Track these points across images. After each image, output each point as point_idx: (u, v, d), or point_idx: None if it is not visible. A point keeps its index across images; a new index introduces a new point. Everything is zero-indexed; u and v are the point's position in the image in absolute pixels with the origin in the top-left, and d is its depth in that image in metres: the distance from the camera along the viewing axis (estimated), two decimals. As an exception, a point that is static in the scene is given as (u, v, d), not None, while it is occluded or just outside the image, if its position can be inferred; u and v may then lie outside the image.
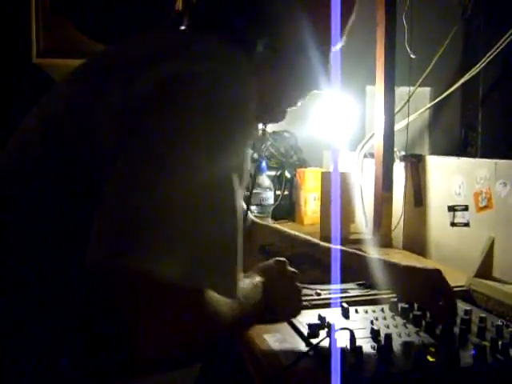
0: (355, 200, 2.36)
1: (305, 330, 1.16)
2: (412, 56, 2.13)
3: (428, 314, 1.22)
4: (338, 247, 1.29)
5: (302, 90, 1.02)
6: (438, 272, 1.22)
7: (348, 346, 1.00)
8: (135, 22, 2.33)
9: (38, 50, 2.30)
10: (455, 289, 1.45)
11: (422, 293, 1.20)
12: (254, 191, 2.23)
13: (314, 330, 1.14)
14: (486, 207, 1.63)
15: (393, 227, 2.08)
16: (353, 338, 0.97)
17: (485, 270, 1.53)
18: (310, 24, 0.93)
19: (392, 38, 2.01)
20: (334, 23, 0.97)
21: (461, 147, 3.13)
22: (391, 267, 1.23)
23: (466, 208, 1.72)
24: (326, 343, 1.04)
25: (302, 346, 1.10)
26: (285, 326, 1.23)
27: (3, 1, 2.47)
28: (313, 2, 0.94)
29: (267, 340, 1.15)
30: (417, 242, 2.00)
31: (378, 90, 2.07)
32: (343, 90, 2.09)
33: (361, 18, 2.44)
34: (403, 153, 2.11)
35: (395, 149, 2.10)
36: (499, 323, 1.15)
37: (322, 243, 1.39)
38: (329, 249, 1.32)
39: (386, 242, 2.05)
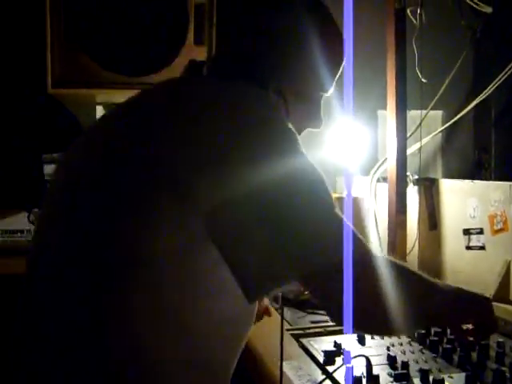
0: (369, 225, 2.35)
1: (320, 358, 1.16)
2: (423, 80, 2.14)
3: (444, 340, 1.21)
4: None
5: (300, 127, 1.11)
6: (485, 300, 1.06)
7: (364, 374, 0.99)
8: (149, 51, 2.37)
9: (53, 81, 2.32)
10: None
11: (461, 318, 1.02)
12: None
13: (329, 357, 1.14)
14: (501, 230, 1.62)
15: (408, 251, 2.06)
16: (369, 366, 0.96)
17: (502, 293, 1.51)
18: (310, 77, 1.07)
19: (402, 64, 2.02)
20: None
21: (474, 169, 3.11)
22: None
23: (481, 231, 1.71)
24: (342, 371, 1.03)
25: (318, 374, 1.10)
26: (300, 352, 1.23)
27: (19, 31, 2.52)
28: (311, 57, 1.05)
29: (283, 367, 1.14)
30: (432, 266, 1.98)
31: (389, 114, 2.07)
32: (355, 115, 2.10)
33: (372, 43, 2.49)
34: (416, 176, 2.11)
35: (408, 173, 2.10)
36: (517, 348, 1.14)
37: None
38: None
39: (401, 267, 2.04)
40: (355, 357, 0.99)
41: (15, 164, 2.35)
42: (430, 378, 0.99)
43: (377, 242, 2.34)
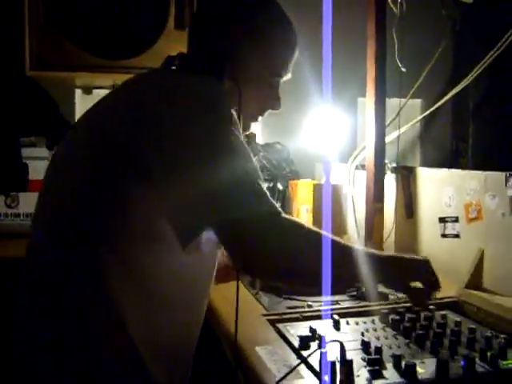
0: (347, 211, 2.38)
1: (296, 342, 1.17)
2: (403, 69, 2.15)
3: (417, 325, 1.23)
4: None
5: (260, 108, 1.30)
6: (424, 262, 1.22)
7: (338, 358, 1.01)
8: (129, 35, 2.35)
9: (31, 63, 2.30)
10: (446, 300, 1.48)
11: (403, 280, 1.18)
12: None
13: (304, 342, 1.15)
14: (476, 218, 1.64)
15: (384, 238, 2.09)
16: (343, 351, 0.98)
17: (475, 281, 1.54)
18: (262, 65, 1.23)
19: (382, 52, 2.03)
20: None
21: (452, 158, 3.15)
22: (374, 256, 1.14)
23: (456, 219, 1.74)
24: (316, 356, 1.04)
25: (293, 359, 1.11)
26: (276, 338, 1.24)
27: (-4, 13, 2.49)
28: (262, 47, 1.22)
29: (258, 352, 1.16)
30: (408, 253, 2.00)
31: (368, 102, 2.09)
32: (335, 102, 2.11)
33: (352, 31, 2.49)
34: (394, 164, 2.13)
35: (386, 160, 2.12)
36: (488, 334, 1.16)
37: None
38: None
39: (377, 254, 2.06)
40: (329, 342, 1.00)
41: (-8, 147, 2.33)
42: (402, 364, 1.01)
43: (354, 229, 2.36)
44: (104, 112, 1.18)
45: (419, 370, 1.01)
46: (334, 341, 0.98)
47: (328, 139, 2.48)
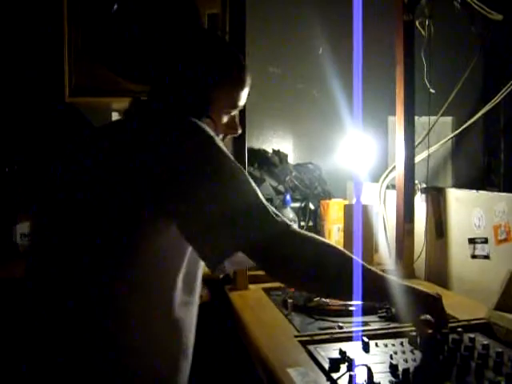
0: (378, 231, 2.40)
1: (326, 364, 1.21)
2: (432, 91, 2.18)
3: (445, 348, 1.26)
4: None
5: (223, 137, 1.46)
6: (434, 298, 1.27)
7: (366, 381, 1.05)
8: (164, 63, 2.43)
9: (70, 89, 2.39)
10: (475, 321, 1.50)
11: (413, 311, 1.24)
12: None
13: (334, 364, 1.19)
14: (505, 240, 1.66)
15: (415, 258, 2.11)
16: (370, 374, 1.02)
17: (505, 302, 1.55)
18: (226, 103, 1.41)
19: (411, 76, 2.07)
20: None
21: (484, 175, 3.15)
22: (391, 281, 1.24)
23: (485, 240, 1.76)
24: (345, 378, 1.08)
25: (324, 381, 1.15)
26: (307, 359, 1.28)
27: (37, 42, 2.60)
28: (229, 94, 1.41)
29: (290, 373, 1.20)
30: (439, 274, 2.03)
31: (398, 124, 2.12)
32: (366, 121, 2.16)
33: (382, 47, 2.53)
34: (424, 185, 2.15)
35: (416, 181, 2.15)
36: (515, 358, 1.18)
37: None
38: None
39: (408, 273, 2.09)
40: (358, 366, 1.04)
41: (34, 170, 2.42)
42: (429, 387, 1.04)
43: (385, 248, 2.39)
44: (110, 158, 1.24)
45: (445, 393, 1.04)
46: (361, 365, 1.02)
47: (359, 159, 2.52)
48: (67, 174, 1.28)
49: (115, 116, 2.90)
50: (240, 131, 1.50)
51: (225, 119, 1.44)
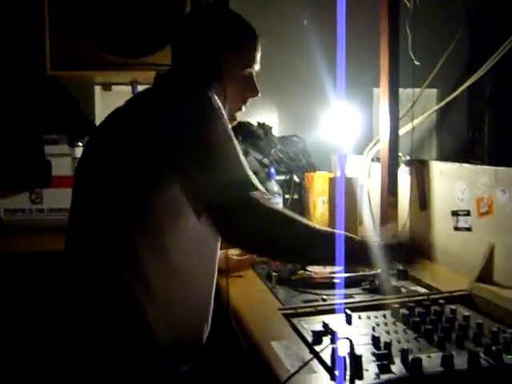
0: (362, 203, 2.41)
1: (309, 337, 1.22)
2: (416, 63, 2.17)
3: (427, 320, 1.28)
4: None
5: (242, 99, 1.56)
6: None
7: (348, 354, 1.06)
8: (147, 33, 2.40)
9: (52, 63, 2.36)
10: (457, 293, 1.52)
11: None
12: (264, 197, 2.29)
13: (317, 337, 1.21)
14: (487, 213, 1.67)
15: (399, 230, 2.12)
16: (352, 347, 1.03)
17: (486, 274, 1.58)
18: (237, 64, 1.50)
19: (395, 48, 2.06)
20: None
21: (468, 148, 3.16)
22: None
23: (468, 213, 1.77)
24: (328, 351, 1.10)
25: (307, 353, 1.16)
26: (291, 332, 1.29)
27: (18, 16, 2.55)
28: (237, 54, 1.50)
29: (273, 346, 1.21)
30: (424, 244, 2.04)
31: (382, 97, 2.12)
32: (350, 93, 2.14)
33: (367, 21, 2.51)
34: (408, 157, 2.16)
35: (400, 153, 2.15)
36: (495, 329, 1.20)
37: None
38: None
39: (392, 245, 2.10)
40: (340, 339, 1.05)
41: (17, 145, 2.40)
42: (410, 358, 1.06)
43: (370, 220, 2.40)
44: (124, 128, 1.41)
45: (425, 364, 1.05)
46: (343, 338, 1.03)
47: (343, 131, 2.51)
48: (96, 141, 1.49)
49: (98, 90, 2.87)
50: (259, 94, 1.56)
51: (241, 82, 1.52)
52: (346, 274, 1.68)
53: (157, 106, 1.38)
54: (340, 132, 2.53)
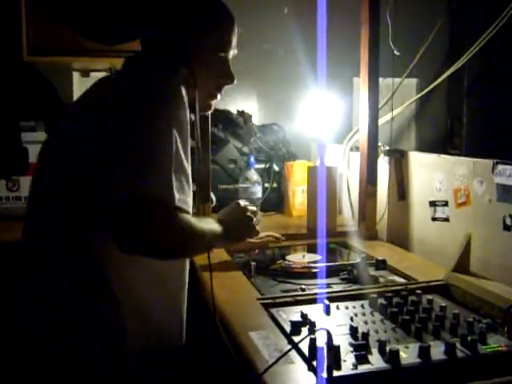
0: (342, 193, 2.42)
1: (287, 327, 1.23)
2: (396, 53, 2.17)
3: (404, 310, 1.29)
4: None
5: (216, 86, 1.49)
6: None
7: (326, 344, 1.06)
8: (127, 18, 2.36)
9: (28, 49, 2.32)
10: (434, 283, 1.53)
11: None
12: (243, 185, 2.28)
13: (296, 327, 1.21)
14: (464, 203, 1.69)
15: (378, 220, 2.14)
16: (330, 338, 1.04)
17: (462, 264, 1.59)
18: (208, 47, 1.43)
19: (375, 38, 2.06)
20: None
21: (447, 138, 3.19)
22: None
23: (446, 203, 1.78)
24: (306, 341, 1.10)
25: (285, 344, 1.17)
26: (269, 322, 1.30)
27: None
28: (208, 36, 1.43)
29: (252, 337, 1.21)
30: (400, 236, 2.06)
31: (362, 86, 2.12)
32: (330, 82, 2.14)
33: (347, 10, 2.50)
34: (387, 147, 2.17)
35: (380, 143, 2.16)
36: (470, 319, 1.21)
37: None
38: None
39: (370, 235, 2.12)
40: (318, 330, 1.06)
41: (-8, 132, 2.36)
42: (387, 349, 1.06)
43: (349, 210, 2.42)
44: (76, 117, 1.38)
45: (403, 355, 1.06)
46: (321, 329, 1.04)
47: (323, 120, 2.51)
48: (59, 129, 1.42)
49: (76, 76, 2.83)
50: (234, 81, 1.49)
51: (214, 67, 1.45)
52: (325, 264, 1.69)
53: (105, 97, 1.33)
54: (320, 121, 2.53)
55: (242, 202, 1.60)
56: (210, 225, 1.40)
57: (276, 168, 2.68)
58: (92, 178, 1.22)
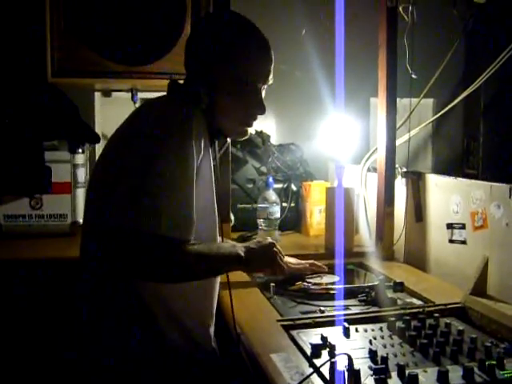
0: (359, 213, 2.45)
1: (308, 350, 1.25)
2: (413, 76, 2.20)
3: (422, 334, 1.31)
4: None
5: (246, 115, 1.48)
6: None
7: (347, 368, 1.09)
8: (147, 41, 2.42)
9: (52, 70, 2.38)
10: (451, 305, 1.55)
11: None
12: (262, 205, 2.32)
13: (316, 350, 1.23)
14: (481, 227, 1.71)
15: (395, 241, 2.16)
16: (351, 362, 1.06)
17: (480, 287, 1.61)
18: (241, 78, 1.42)
19: (393, 59, 2.10)
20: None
21: (463, 158, 3.20)
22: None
23: (463, 226, 1.80)
24: (327, 365, 1.13)
25: (306, 366, 1.19)
26: (290, 344, 1.32)
27: (19, 22, 2.57)
28: (241, 66, 1.42)
29: (273, 359, 1.24)
30: (417, 256, 2.08)
31: (380, 109, 2.15)
32: (348, 103, 2.18)
33: (364, 28, 2.54)
34: (404, 169, 2.19)
35: (397, 165, 2.18)
36: (488, 344, 1.23)
37: None
38: None
39: (387, 255, 2.14)
40: (339, 354, 1.08)
41: (17, 151, 2.41)
42: (406, 373, 1.09)
43: (366, 229, 2.44)
44: (113, 140, 1.46)
45: (421, 379, 1.08)
46: (341, 354, 1.06)
47: (341, 141, 2.54)
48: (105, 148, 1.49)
49: (98, 96, 2.90)
50: (264, 111, 1.48)
51: (244, 96, 1.43)
52: (343, 286, 1.72)
53: (131, 122, 1.43)
54: (337, 141, 2.56)
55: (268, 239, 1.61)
56: (226, 250, 1.42)
57: (294, 187, 2.71)
58: (99, 202, 1.33)
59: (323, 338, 1.28)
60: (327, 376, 1.11)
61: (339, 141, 2.55)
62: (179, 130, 1.28)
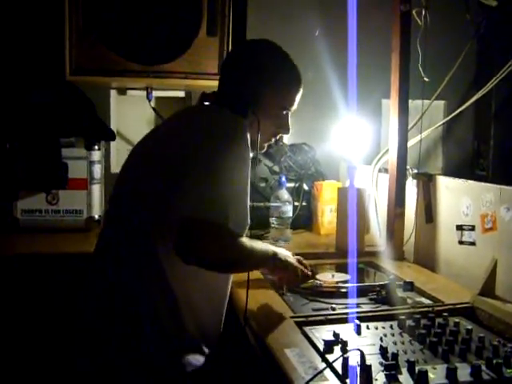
0: (370, 213, 2.48)
1: (321, 346, 1.29)
2: (425, 79, 2.23)
3: (432, 332, 1.35)
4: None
5: (274, 134, 1.70)
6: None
7: (359, 363, 1.13)
8: (163, 41, 2.46)
9: (70, 69, 2.43)
10: (460, 305, 1.59)
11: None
12: (274, 204, 2.36)
13: (329, 346, 1.28)
14: (490, 229, 1.74)
15: (405, 241, 2.20)
16: (363, 358, 1.10)
17: (488, 288, 1.64)
18: (277, 104, 1.64)
19: (406, 63, 2.13)
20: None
21: (473, 160, 3.23)
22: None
23: (472, 228, 1.84)
24: (340, 360, 1.17)
25: (319, 361, 1.23)
26: (303, 340, 1.36)
27: (38, 21, 2.62)
28: (279, 94, 1.64)
29: (287, 354, 1.28)
30: (427, 257, 2.11)
31: (392, 110, 2.18)
32: (360, 104, 2.21)
33: (377, 30, 2.57)
34: (415, 170, 2.22)
35: (408, 166, 2.22)
36: (496, 343, 1.27)
37: None
38: None
39: (398, 255, 2.17)
40: (351, 350, 1.12)
41: (35, 147, 2.47)
42: (416, 369, 1.13)
43: (376, 229, 2.47)
44: (161, 143, 1.58)
45: (431, 375, 1.12)
46: (354, 349, 1.10)
47: (352, 142, 2.58)
48: (140, 146, 1.65)
49: (113, 94, 2.94)
50: (289, 132, 1.72)
51: (275, 119, 1.65)
52: (355, 284, 1.76)
53: (191, 124, 1.56)
54: (349, 141, 2.60)
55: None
56: (264, 246, 1.61)
57: (305, 187, 2.75)
58: (165, 194, 1.42)
59: (335, 335, 1.32)
60: (340, 371, 1.15)
61: (351, 141, 2.58)
62: (243, 141, 1.45)
